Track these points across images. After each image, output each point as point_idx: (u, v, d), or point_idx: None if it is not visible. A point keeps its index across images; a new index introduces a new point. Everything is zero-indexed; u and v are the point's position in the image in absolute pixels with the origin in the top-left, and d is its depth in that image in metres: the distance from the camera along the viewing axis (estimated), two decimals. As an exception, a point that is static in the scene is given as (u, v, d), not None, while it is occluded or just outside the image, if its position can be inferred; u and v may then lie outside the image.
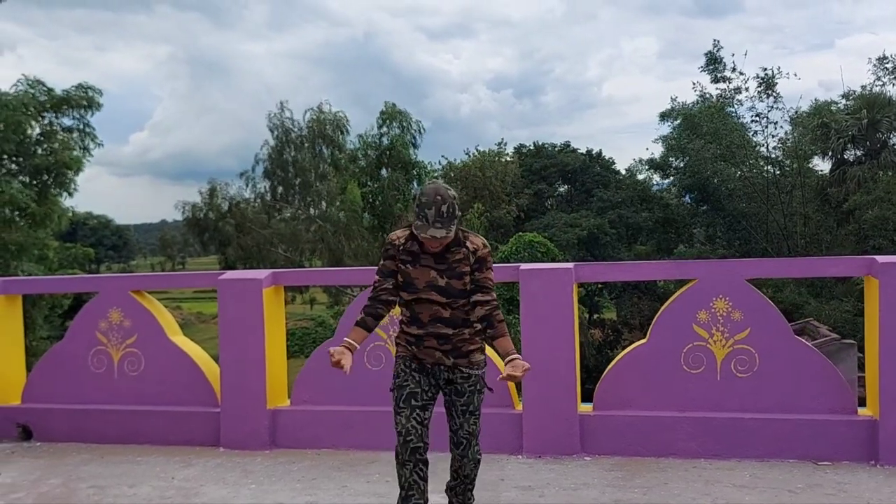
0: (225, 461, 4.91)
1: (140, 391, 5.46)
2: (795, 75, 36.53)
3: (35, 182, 17.91)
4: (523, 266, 4.84)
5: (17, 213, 17.59)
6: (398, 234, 3.38)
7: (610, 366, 4.93)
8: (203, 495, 4.29)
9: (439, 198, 3.12)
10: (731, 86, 28.38)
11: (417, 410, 3.28)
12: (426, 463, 3.29)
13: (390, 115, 31.31)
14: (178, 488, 4.42)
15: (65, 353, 5.67)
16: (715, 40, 30.39)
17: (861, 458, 4.38)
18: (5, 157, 17.90)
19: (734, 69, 28.05)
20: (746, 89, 28.14)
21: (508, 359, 3.17)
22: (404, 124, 31.26)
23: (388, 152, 30.96)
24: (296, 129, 31.33)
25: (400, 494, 3.31)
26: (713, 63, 28.34)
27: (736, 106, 28.71)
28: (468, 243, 3.29)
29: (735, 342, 4.63)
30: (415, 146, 31.48)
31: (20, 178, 17.91)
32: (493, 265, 3.42)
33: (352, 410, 5.07)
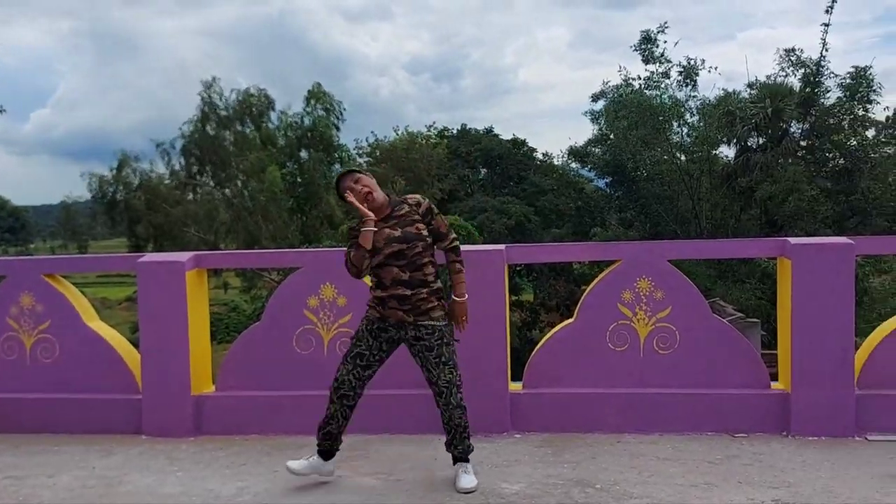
0: (148, 449, 4.77)
1: (55, 378, 5.22)
2: (716, 69, 37.61)
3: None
4: (455, 247, 4.86)
5: None
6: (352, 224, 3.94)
7: (539, 345, 5.03)
8: (127, 483, 4.16)
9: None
10: (660, 69, 28.99)
11: (359, 368, 3.87)
12: (351, 407, 3.91)
13: (316, 96, 30.91)
14: (99, 477, 4.26)
15: (-30, 340, 5.36)
16: (663, 23, 30.66)
17: (774, 429, 4.62)
18: None
19: (662, 54, 28.72)
20: (668, 76, 28.88)
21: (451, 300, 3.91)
22: (328, 106, 30.93)
23: (309, 133, 30.49)
24: (222, 107, 30.46)
25: (324, 419, 3.94)
26: (647, 43, 28.75)
27: (659, 91, 29.34)
28: (408, 200, 3.87)
29: (657, 320, 4.79)
30: (338, 128, 31.26)
31: None
32: None
33: (280, 395, 5.00)
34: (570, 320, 4.96)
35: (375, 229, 3.75)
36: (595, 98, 32.04)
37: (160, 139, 30.58)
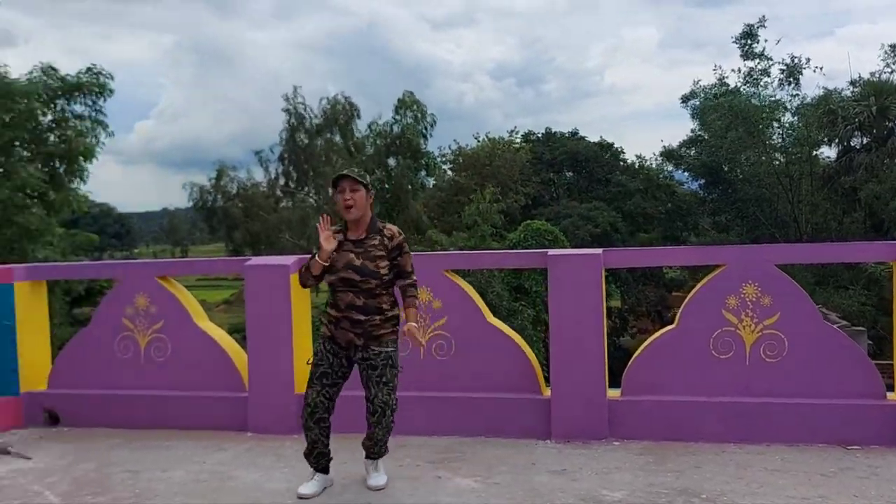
0: (255, 446, 4.94)
1: (167, 376, 5.48)
2: (821, 69, 34.48)
3: (46, 169, 17.78)
4: (551, 252, 4.84)
5: (32, 198, 17.42)
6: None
7: (638, 351, 4.94)
8: (236, 479, 4.32)
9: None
10: (760, 66, 28.00)
11: (327, 388, 3.92)
12: (328, 426, 3.98)
13: (406, 105, 31.29)
14: (210, 472, 4.45)
15: (91, 339, 5.69)
16: (762, 16, 29.56)
17: (891, 442, 4.40)
18: (17, 144, 17.71)
19: (763, 52, 27.79)
20: (769, 73, 27.90)
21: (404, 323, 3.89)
22: (418, 114, 31.24)
23: (397, 141, 30.92)
24: (308, 116, 31.31)
25: (308, 445, 4.00)
26: (748, 37, 27.83)
27: (758, 89, 28.35)
28: (385, 230, 3.92)
29: (764, 327, 4.64)
30: (425, 137, 31.45)
31: (33, 165, 17.74)
32: (516, 251, 4.03)
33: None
34: (671, 326, 4.86)
35: (326, 263, 3.85)
36: (685, 99, 31.24)
37: (257, 148, 31.66)
